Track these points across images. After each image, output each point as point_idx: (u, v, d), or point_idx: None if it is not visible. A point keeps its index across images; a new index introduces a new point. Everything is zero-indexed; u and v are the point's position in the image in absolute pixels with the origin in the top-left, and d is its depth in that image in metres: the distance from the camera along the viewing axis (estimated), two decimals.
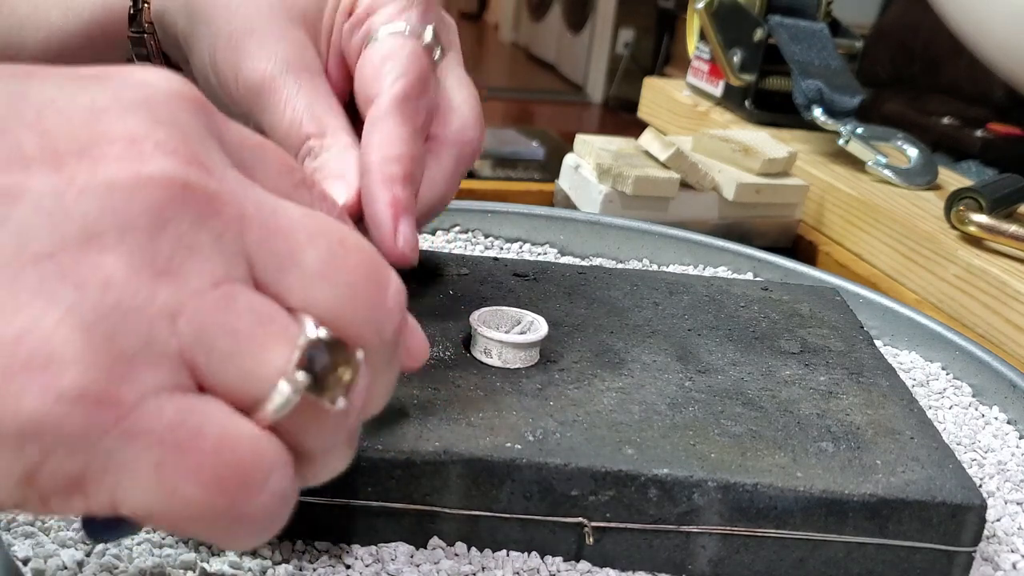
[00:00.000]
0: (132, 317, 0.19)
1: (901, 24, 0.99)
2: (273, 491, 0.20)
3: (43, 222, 0.19)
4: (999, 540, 0.37)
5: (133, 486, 0.19)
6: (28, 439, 0.18)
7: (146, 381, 0.19)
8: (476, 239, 0.58)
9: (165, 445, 0.19)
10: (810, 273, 0.55)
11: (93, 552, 0.30)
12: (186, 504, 0.19)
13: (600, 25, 3.07)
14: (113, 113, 0.20)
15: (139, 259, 0.19)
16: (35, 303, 0.18)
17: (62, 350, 0.18)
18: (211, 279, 0.20)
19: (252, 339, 0.20)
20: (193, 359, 0.20)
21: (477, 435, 0.32)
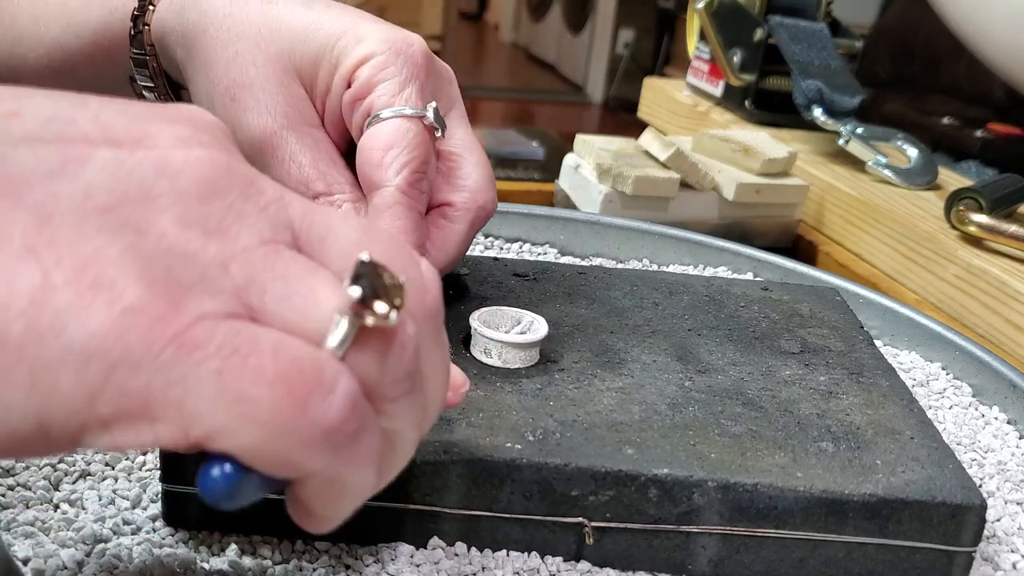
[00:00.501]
0: (187, 260, 0.20)
1: (901, 24, 0.99)
2: (346, 392, 0.21)
3: (107, 180, 0.21)
4: (999, 540, 0.37)
5: (199, 400, 0.19)
6: (92, 354, 0.19)
7: (202, 306, 0.20)
8: (476, 239, 0.58)
9: (223, 353, 0.19)
10: (810, 273, 0.55)
11: (93, 552, 0.30)
12: (256, 408, 0.19)
13: (600, 25, 3.07)
14: (162, 121, 0.22)
15: (191, 219, 0.21)
16: (101, 237, 0.20)
17: (124, 275, 0.19)
18: (259, 239, 0.21)
19: (303, 282, 0.21)
20: (248, 299, 0.21)
21: (477, 435, 0.32)
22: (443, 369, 0.25)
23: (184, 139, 0.22)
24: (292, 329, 0.21)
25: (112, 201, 0.20)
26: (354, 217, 0.24)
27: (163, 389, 0.19)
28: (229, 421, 0.20)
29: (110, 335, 0.19)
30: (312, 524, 0.23)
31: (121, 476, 0.35)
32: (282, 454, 0.20)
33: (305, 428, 0.20)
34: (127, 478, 0.35)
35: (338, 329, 0.21)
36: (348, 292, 0.21)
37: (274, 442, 0.20)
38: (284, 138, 0.38)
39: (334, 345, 0.21)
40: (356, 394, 0.21)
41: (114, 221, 0.20)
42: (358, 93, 0.38)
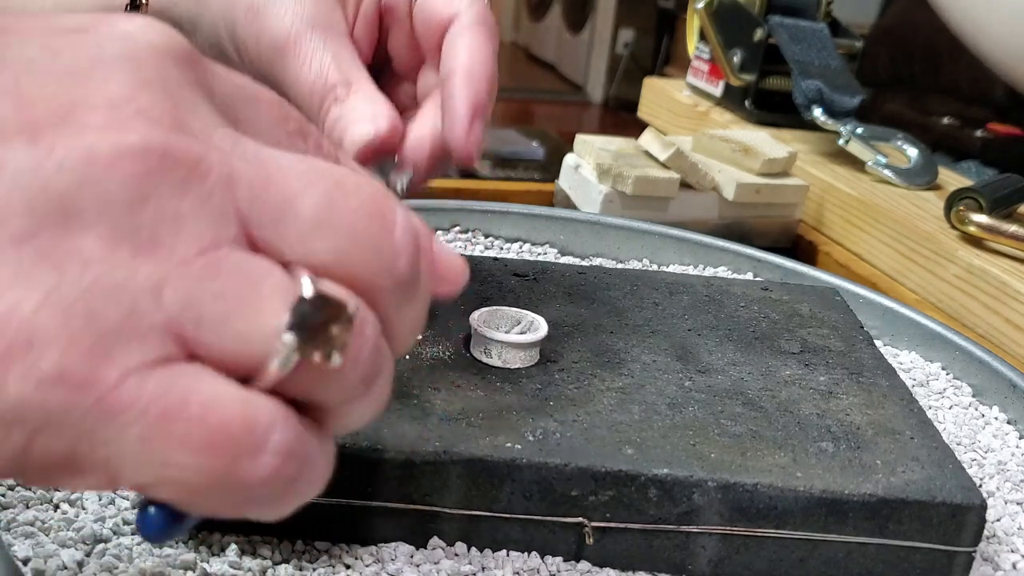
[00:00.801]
0: (113, 295, 0.18)
1: (901, 24, 0.99)
2: (277, 449, 0.19)
3: (22, 199, 0.18)
4: (999, 540, 0.37)
5: (126, 461, 0.19)
6: (13, 422, 0.18)
7: (127, 358, 0.18)
8: (476, 239, 0.58)
9: (148, 417, 0.18)
10: (810, 273, 0.55)
11: (93, 552, 0.30)
12: (182, 472, 0.19)
13: (600, 25, 3.07)
14: (96, 75, 0.20)
15: (120, 235, 0.19)
16: (14, 288, 0.18)
17: (42, 334, 0.18)
18: (197, 247, 0.19)
19: (242, 300, 0.19)
20: (181, 330, 0.19)
21: (477, 435, 0.32)
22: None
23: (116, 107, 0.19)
24: (229, 357, 0.19)
25: (30, 226, 0.18)
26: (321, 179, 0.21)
27: (89, 450, 0.19)
28: (156, 481, 0.19)
29: (30, 405, 0.18)
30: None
31: None
32: (213, 506, 0.20)
33: (234, 487, 0.19)
34: None
35: (276, 357, 0.19)
36: (283, 338, 0.19)
37: (203, 498, 0.19)
38: (308, 37, 0.37)
39: (271, 375, 0.20)
40: (290, 445, 0.20)
41: (32, 256, 0.18)
42: None
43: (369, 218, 0.21)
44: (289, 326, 0.19)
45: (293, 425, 0.20)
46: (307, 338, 0.19)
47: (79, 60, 0.20)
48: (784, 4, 0.80)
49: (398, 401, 0.34)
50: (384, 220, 0.21)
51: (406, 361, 0.37)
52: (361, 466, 0.31)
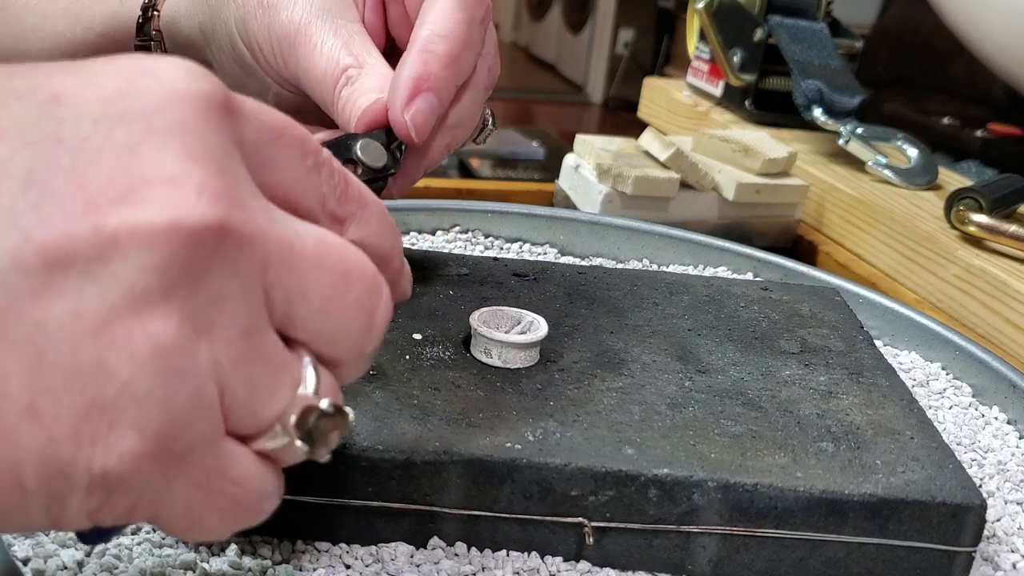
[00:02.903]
0: (183, 381, 0.20)
1: (901, 24, 0.99)
2: (267, 510, 0.24)
3: (93, 290, 0.19)
4: (999, 540, 0.37)
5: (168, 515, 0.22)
6: (95, 488, 0.20)
7: (190, 440, 0.21)
8: (476, 239, 0.58)
9: (200, 489, 0.22)
10: (810, 273, 0.55)
11: (93, 552, 0.30)
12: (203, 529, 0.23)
13: (600, 25, 3.07)
14: (149, 149, 0.20)
15: (183, 317, 0.20)
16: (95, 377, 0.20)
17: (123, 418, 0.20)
18: (240, 328, 0.21)
19: (264, 388, 0.22)
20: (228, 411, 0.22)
21: (477, 435, 0.32)
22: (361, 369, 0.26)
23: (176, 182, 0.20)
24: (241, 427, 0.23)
25: (102, 319, 0.19)
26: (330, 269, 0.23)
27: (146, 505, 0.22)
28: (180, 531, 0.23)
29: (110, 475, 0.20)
30: None
31: None
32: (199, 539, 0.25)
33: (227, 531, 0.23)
34: None
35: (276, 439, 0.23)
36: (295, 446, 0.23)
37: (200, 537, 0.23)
38: (318, 26, 0.37)
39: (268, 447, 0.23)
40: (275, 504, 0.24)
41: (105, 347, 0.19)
42: None
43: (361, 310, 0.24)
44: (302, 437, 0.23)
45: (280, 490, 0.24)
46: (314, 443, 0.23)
47: (132, 135, 0.20)
48: (784, 4, 0.80)
49: (398, 401, 0.34)
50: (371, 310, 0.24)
51: (406, 361, 0.37)
52: (361, 466, 0.31)
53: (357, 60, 0.37)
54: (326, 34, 0.37)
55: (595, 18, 3.10)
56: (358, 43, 0.38)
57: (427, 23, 0.36)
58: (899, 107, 0.88)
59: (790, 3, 0.81)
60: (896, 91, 0.92)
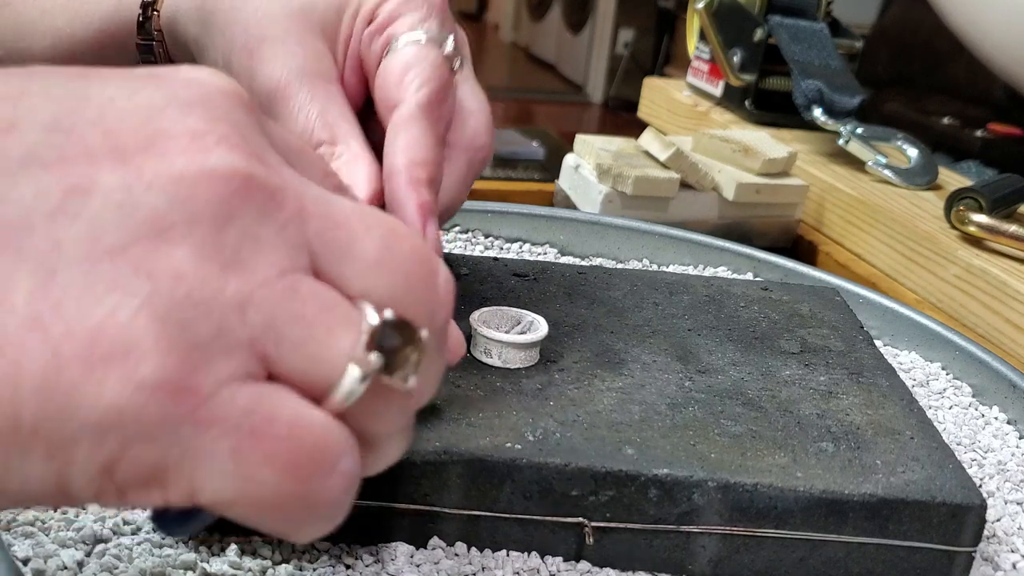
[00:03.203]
0: (204, 308, 0.19)
1: (901, 24, 0.99)
2: (343, 473, 0.20)
3: (114, 216, 0.19)
4: (999, 540, 0.37)
5: (210, 474, 0.19)
6: (108, 429, 0.18)
7: (221, 370, 0.19)
8: (476, 239, 0.58)
9: (241, 432, 0.19)
10: (810, 273, 0.55)
11: (93, 552, 0.30)
12: (263, 490, 0.20)
13: (600, 25, 3.07)
14: (172, 110, 0.21)
15: (208, 251, 0.19)
16: (112, 295, 0.18)
17: (140, 340, 0.18)
18: (277, 269, 0.20)
19: (318, 325, 0.20)
20: (264, 349, 0.20)
21: (477, 435, 0.32)
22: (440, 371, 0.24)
23: (199, 137, 0.20)
24: (304, 380, 0.20)
25: (122, 242, 0.19)
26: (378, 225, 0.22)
27: (177, 462, 0.19)
28: (234, 496, 0.20)
29: (125, 411, 0.18)
30: None
31: None
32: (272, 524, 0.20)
33: (301, 507, 0.20)
34: None
35: (349, 381, 0.21)
36: (370, 359, 0.21)
37: (269, 516, 0.20)
38: (296, 89, 0.37)
39: (341, 395, 0.21)
40: (354, 469, 0.21)
41: (125, 268, 0.19)
42: (379, 26, 0.38)
43: (421, 265, 0.22)
44: (370, 347, 0.20)
45: (357, 451, 0.21)
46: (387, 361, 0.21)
47: (156, 98, 0.21)
48: (784, 4, 0.80)
49: None
50: (432, 269, 0.23)
51: None
52: None
53: (331, 134, 0.37)
54: (303, 99, 0.37)
55: (595, 18, 3.10)
56: (335, 111, 0.38)
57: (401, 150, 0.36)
58: (899, 107, 0.88)
59: (790, 3, 0.81)
60: (896, 91, 0.92)
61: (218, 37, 0.39)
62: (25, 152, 0.19)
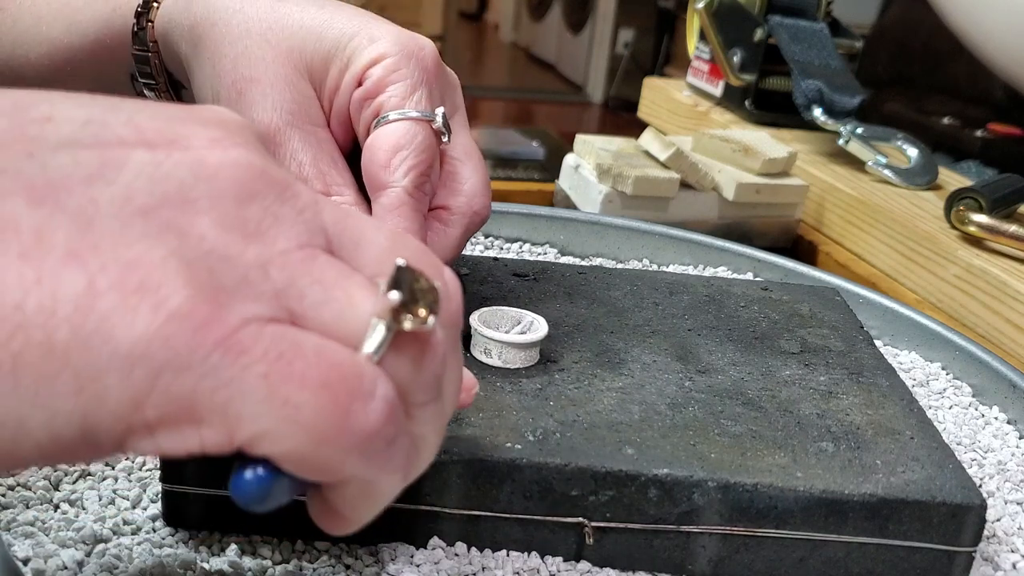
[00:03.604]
0: (228, 262, 0.20)
1: (901, 24, 0.99)
2: (384, 397, 0.21)
3: (145, 183, 0.21)
4: (999, 540, 0.37)
5: (246, 403, 0.20)
6: (139, 358, 0.19)
7: (247, 309, 0.20)
8: (476, 239, 0.58)
9: (270, 357, 0.20)
10: (810, 273, 0.55)
11: (93, 552, 0.30)
12: (301, 413, 0.20)
13: (600, 25, 3.07)
14: (194, 122, 0.23)
15: (230, 222, 0.21)
16: (144, 241, 0.20)
17: (170, 279, 0.19)
18: (296, 242, 0.22)
19: (339, 286, 0.22)
20: (288, 303, 0.21)
21: (477, 435, 0.32)
22: (460, 374, 0.25)
23: (218, 140, 0.22)
24: (330, 333, 0.21)
25: (152, 204, 0.20)
26: (383, 227, 0.24)
27: (209, 393, 0.19)
28: (274, 425, 0.20)
29: (156, 339, 0.19)
30: (336, 527, 0.24)
31: (121, 476, 0.35)
32: (322, 459, 0.21)
33: (346, 433, 0.20)
34: (127, 478, 0.35)
35: (376, 333, 0.21)
36: (388, 296, 0.22)
37: (316, 447, 0.20)
38: (287, 135, 0.38)
39: (371, 350, 0.21)
40: (394, 399, 0.21)
41: (155, 224, 0.20)
42: (369, 92, 0.38)
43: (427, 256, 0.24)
44: (392, 284, 0.22)
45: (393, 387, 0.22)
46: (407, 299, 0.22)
47: (178, 115, 0.23)
48: (784, 4, 0.80)
49: None
50: (438, 265, 0.24)
51: None
52: None
53: (325, 183, 0.38)
54: (296, 145, 0.38)
55: (595, 18, 3.10)
56: (326, 158, 0.38)
57: None
58: (899, 107, 0.88)
59: (790, 3, 0.81)
60: (896, 91, 0.92)
61: (207, 66, 0.39)
62: (64, 137, 0.21)
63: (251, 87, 0.38)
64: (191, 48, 0.40)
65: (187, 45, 0.40)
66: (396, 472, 0.22)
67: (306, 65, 0.38)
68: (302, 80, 0.38)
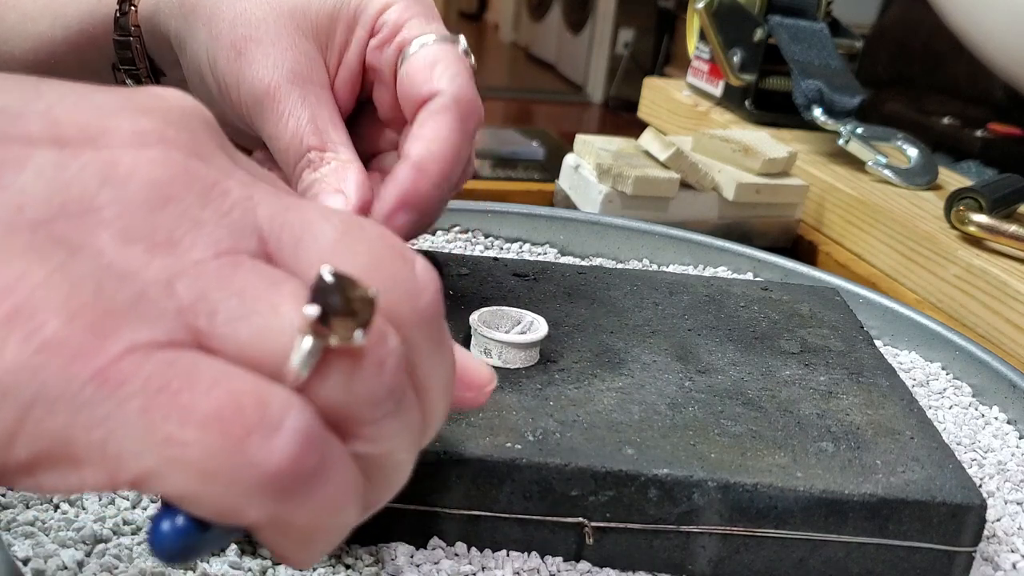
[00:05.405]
0: (124, 280, 0.18)
1: (901, 24, 0.99)
2: (293, 430, 0.18)
3: (43, 189, 0.19)
4: (999, 540, 0.37)
5: (123, 442, 0.17)
6: (5, 393, 0.17)
7: (134, 335, 0.18)
8: (476, 239, 0.58)
9: (149, 389, 0.18)
10: (810, 273, 0.55)
11: (93, 552, 0.30)
12: (185, 451, 0.18)
13: (600, 25, 3.07)
14: (125, 113, 0.20)
15: (137, 232, 0.19)
16: (24, 260, 0.18)
17: (47, 302, 0.17)
18: (215, 249, 0.19)
19: (262, 298, 0.19)
20: (194, 321, 0.19)
21: (477, 435, 0.32)
22: (445, 375, 0.23)
23: (143, 134, 0.20)
24: (247, 352, 0.19)
25: (47, 214, 0.18)
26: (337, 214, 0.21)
27: (85, 430, 0.17)
28: (158, 465, 0.18)
29: (24, 372, 0.17)
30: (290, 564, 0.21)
31: None
32: (221, 502, 0.18)
33: (244, 472, 0.18)
34: None
35: (300, 350, 0.19)
36: (304, 312, 0.19)
37: (209, 488, 0.18)
38: (287, 92, 0.37)
39: (295, 367, 0.19)
40: (309, 430, 0.18)
41: (45, 238, 0.18)
42: (386, 37, 0.38)
43: (390, 249, 0.21)
44: (312, 296, 0.19)
45: (313, 415, 0.19)
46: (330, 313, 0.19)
47: (110, 102, 0.21)
48: (784, 4, 0.80)
49: None
50: (403, 254, 0.21)
51: None
52: None
53: (321, 140, 0.37)
54: (294, 103, 0.37)
55: (595, 18, 3.10)
56: (325, 116, 0.38)
57: (424, 138, 0.36)
58: (899, 107, 0.88)
59: (790, 3, 0.81)
60: (896, 91, 0.92)
61: (201, 31, 0.38)
62: None
63: (251, 46, 0.37)
64: (182, 21, 0.39)
65: (177, 20, 0.40)
66: (332, 508, 0.19)
67: (311, 25, 0.38)
68: (305, 40, 0.38)
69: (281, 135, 0.37)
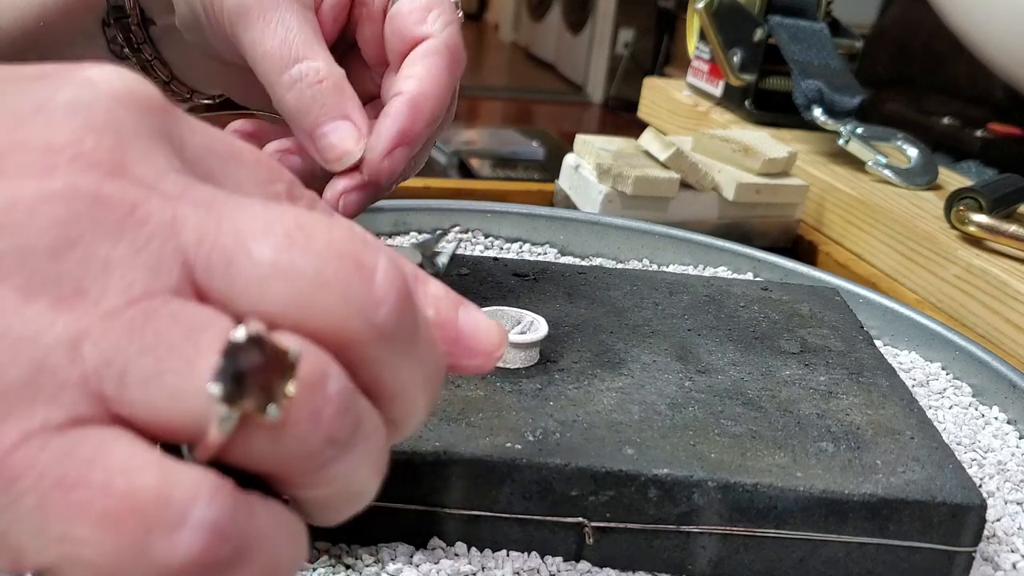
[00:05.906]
0: (20, 349, 0.17)
1: (901, 24, 0.99)
2: (201, 524, 0.16)
3: None
4: (999, 540, 0.37)
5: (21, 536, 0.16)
6: None
7: (29, 420, 0.16)
8: (476, 239, 0.58)
9: (44, 484, 0.16)
10: (810, 273, 0.55)
11: None
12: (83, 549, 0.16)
13: (600, 25, 3.07)
14: (39, 119, 0.18)
15: (37, 286, 0.17)
16: None
17: None
18: (126, 297, 0.17)
19: (175, 354, 0.17)
20: (100, 388, 0.17)
21: (477, 435, 0.32)
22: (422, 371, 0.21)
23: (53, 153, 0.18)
24: (161, 418, 0.17)
25: None
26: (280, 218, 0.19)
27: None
28: (58, 561, 0.16)
29: None
30: None
31: None
32: None
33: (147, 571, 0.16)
34: None
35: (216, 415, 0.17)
36: (207, 389, 0.17)
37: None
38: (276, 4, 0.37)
39: (212, 434, 0.17)
40: (219, 520, 0.17)
41: None
42: None
43: (338, 260, 0.19)
44: (214, 376, 0.17)
45: (227, 498, 0.17)
46: (235, 388, 0.17)
47: (25, 105, 0.18)
48: (784, 4, 0.80)
49: None
50: (358, 263, 0.19)
51: None
52: None
53: (312, 51, 0.37)
54: (283, 12, 0.37)
55: (595, 18, 3.10)
56: (308, 31, 0.37)
57: (417, 76, 0.37)
58: (899, 107, 0.88)
59: (790, 3, 0.81)
60: (896, 91, 0.92)
61: None
62: None
63: None
64: None
65: None
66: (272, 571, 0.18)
67: None
68: None
69: (268, 40, 0.36)
